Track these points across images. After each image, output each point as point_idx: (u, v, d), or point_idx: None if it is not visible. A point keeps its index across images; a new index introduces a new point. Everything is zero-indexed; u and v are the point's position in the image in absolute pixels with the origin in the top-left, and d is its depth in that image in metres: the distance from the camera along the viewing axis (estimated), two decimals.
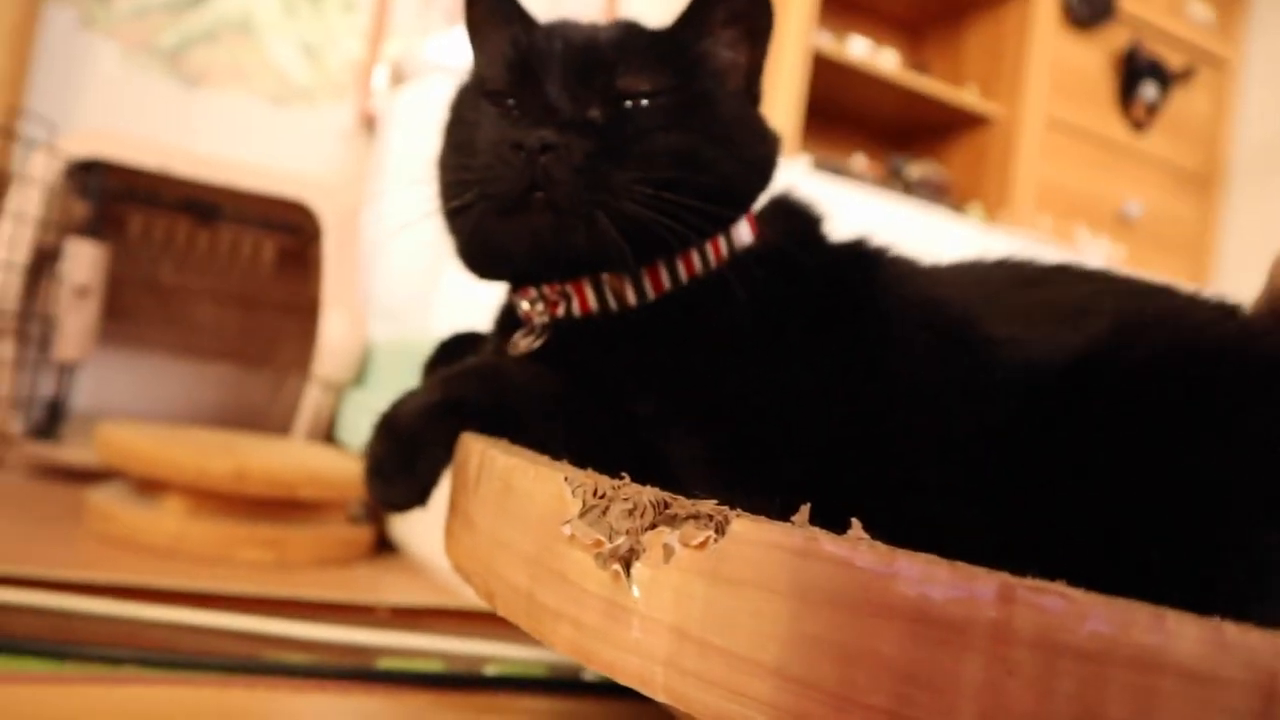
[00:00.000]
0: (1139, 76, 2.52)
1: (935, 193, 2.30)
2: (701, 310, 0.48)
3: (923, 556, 0.23)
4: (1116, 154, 2.52)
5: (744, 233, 0.51)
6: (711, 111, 0.50)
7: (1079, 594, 0.21)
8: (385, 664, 0.59)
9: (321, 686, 0.54)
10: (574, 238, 0.46)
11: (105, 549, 0.77)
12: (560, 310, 0.49)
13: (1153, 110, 2.55)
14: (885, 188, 2.20)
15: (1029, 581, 0.21)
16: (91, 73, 1.68)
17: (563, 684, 0.60)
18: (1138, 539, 0.37)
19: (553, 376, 0.46)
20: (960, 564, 0.22)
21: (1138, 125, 2.56)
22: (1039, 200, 2.35)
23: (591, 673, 0.62)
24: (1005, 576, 0.22)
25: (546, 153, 0.45)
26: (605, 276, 0.48)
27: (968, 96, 2.34)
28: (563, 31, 0.51)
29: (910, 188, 2.29)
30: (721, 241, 0.50)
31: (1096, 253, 2.32)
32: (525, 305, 0.50)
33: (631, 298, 0.48)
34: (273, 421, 1.40)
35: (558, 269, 0.49)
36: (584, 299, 0.49)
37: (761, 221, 0.52)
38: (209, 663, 0.54)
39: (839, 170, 2.14)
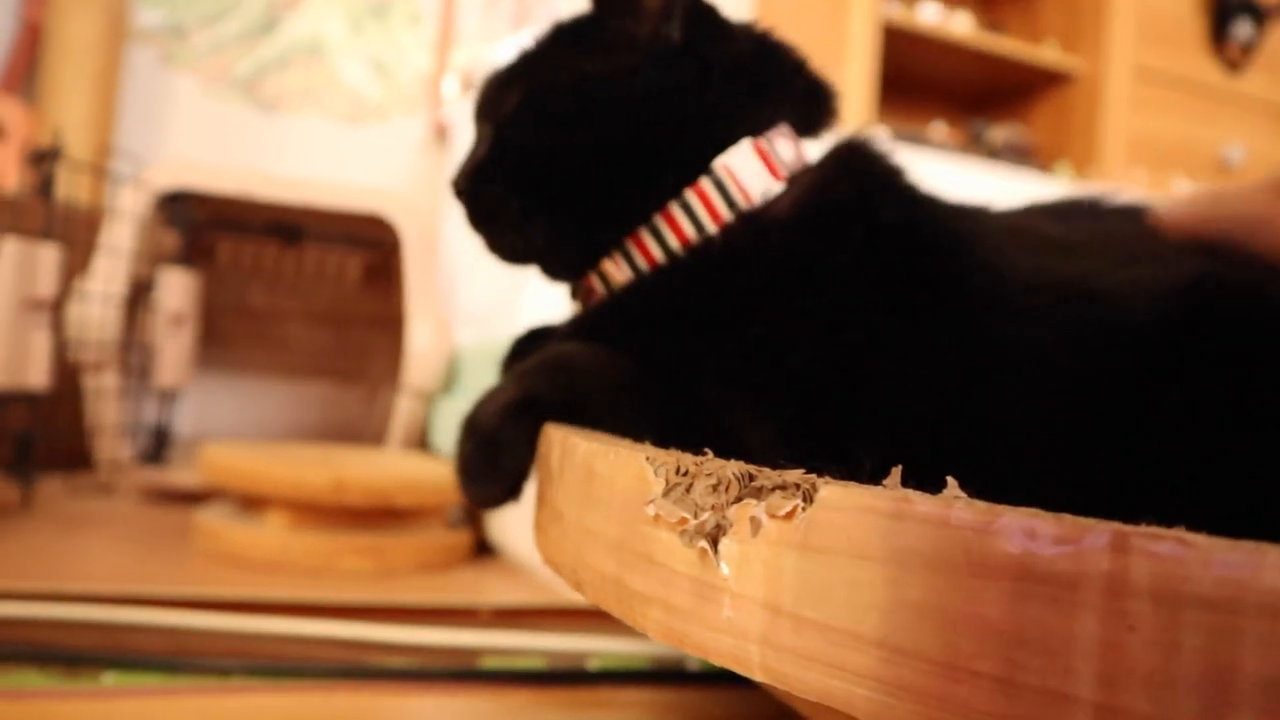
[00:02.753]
0: (1231, 14, 2.40)
1: (1020, 155, 2.23)
2: (716, 278, 0.45)
3: (1025, 510, 0.21)
4: (1212, 99, 2.41)
5: (751, 182, 0.46)
6: (557, 95, 0.50)
7: (1200, 539, 0.19)
8: (488, 663, 0.59)
9: (425, 688, 0.54)
10: (498, 253, 0.53)
11: (212, 566, 0.79)
12: (588, 300, 0.51)
13: (1248, 49, 2.44)
14: (968, 154, 2.14)
15: (1144, 529, 0.20)
16: (173, 107, 1.73)
17: (666, 674, 0.59)
18: (1260, 480, 0.34)
19: (621, 361, 0.45)
20: (1066, 516, 0.21)
21: (1233, 66, 2.44)
22: (1131, 153, 2.26)
23: (695, 662, 0.61)
24: (1117, 525, 0.20)
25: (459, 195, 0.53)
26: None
27: (1048, 53, 2.27)
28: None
29: (994, 152, 2.23)
30: (714, 196, 0.46)
31: None
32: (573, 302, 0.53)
33: (626, 273, 0.48)
34: (369, 434, 1.42)
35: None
36: (593, 287, 0.50)
37: (818, 170, 0.47)
38: (314, 669, 0.55)
39: (918, 140, 2.10)
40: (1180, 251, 0.42)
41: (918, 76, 2.35)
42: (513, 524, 0.91)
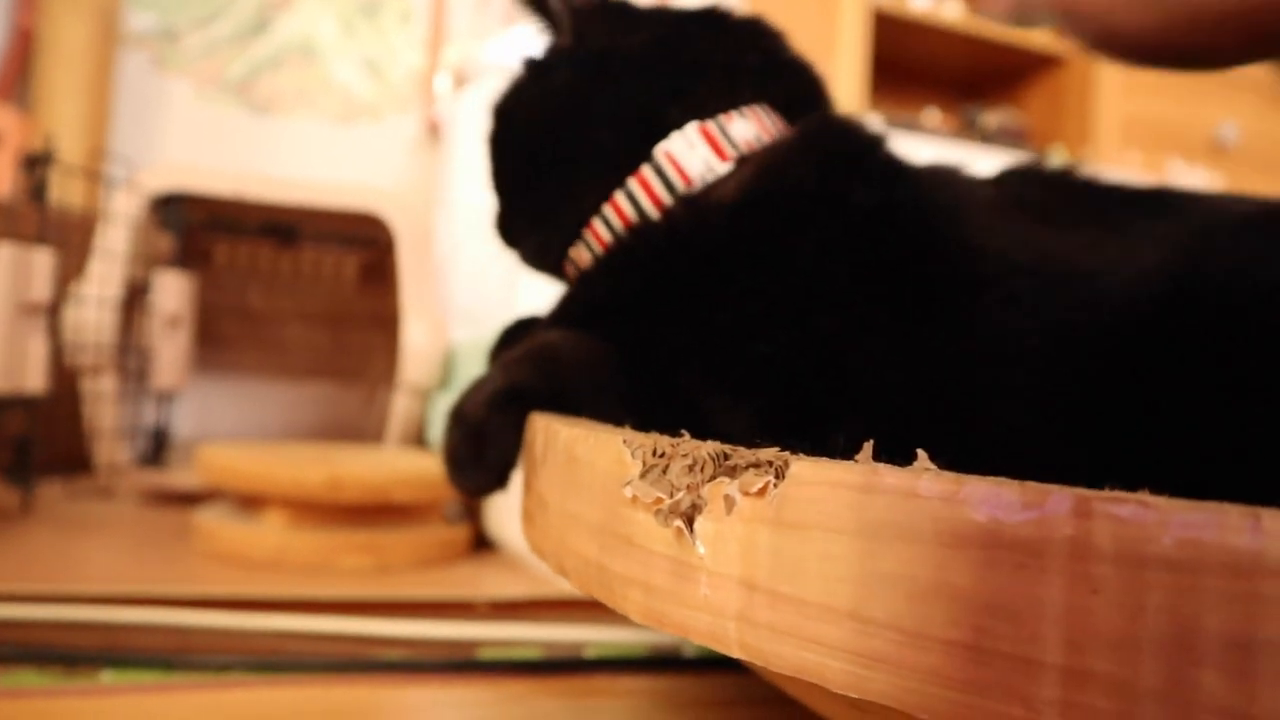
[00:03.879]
0: None
1: (1015, 139, 2.23)
2: (654, 262, 0.45)
3: (990, 479, 0.21)
4: (1205, 78, 2.41)
5: (691, 165, 0.46)
6: (509, 109, 0.55)
7: (1161, 500, 0.19)
8: (485, 654, 0.60)
9: (422, 679, 0.54)
10: (528, 263, 0.57)
11: (211, 565, 0.79)
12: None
13: None
14: (962, 139, 2.14)
15: (1106, 493, 0.20)
16: (166, 110, 1.74)
17: (662, 662, 0.59)
18: (1238, 449, 0.34)
19: (604, 348, 0.46)
20: (1031, 483, 0.21)
21: None
22: (1125, 135, 2.25)
23: (691, 648, 0.61)
24: (1080, 490, 0.20)
25: None
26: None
27: (1039, 36, 2.26)
28: None
29: (988, 137, 2.22)
30: (654, 181, 0.47)
31: (1193, 183, 2.22)
32: None
33: (586, 258, 0.50)
34: (368, 433, 1.42)
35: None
36: (570, 273, 0.53)
37: (771, 151, 0.46)
38: (311, 663, 0.55)
39: (912, 127, 2.10)
40: (1162, 230, 0.41)
41: (910, 63, 2.35)
42: (511, 518, 0.91)
